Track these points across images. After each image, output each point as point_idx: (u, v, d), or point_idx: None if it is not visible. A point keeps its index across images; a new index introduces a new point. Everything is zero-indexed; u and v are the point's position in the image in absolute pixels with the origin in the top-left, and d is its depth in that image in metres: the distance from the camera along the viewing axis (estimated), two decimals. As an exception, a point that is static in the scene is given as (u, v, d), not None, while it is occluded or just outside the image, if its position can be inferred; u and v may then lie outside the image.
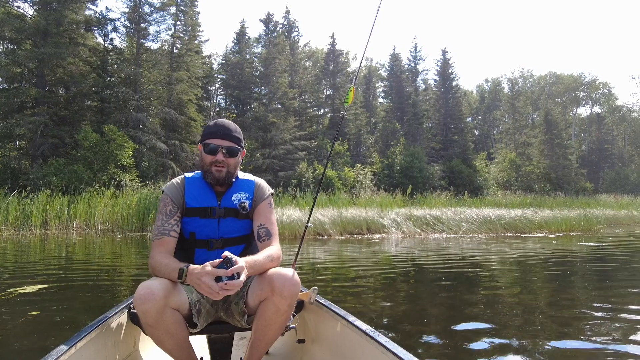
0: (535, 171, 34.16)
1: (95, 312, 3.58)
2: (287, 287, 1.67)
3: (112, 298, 4.26)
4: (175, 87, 23.36)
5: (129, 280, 5.26)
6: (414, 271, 6.18)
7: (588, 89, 51.97)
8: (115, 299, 4.19)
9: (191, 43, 25.89)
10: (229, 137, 1.88)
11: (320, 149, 28.69)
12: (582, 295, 4.58)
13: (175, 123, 24.01)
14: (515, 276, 5.84)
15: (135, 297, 1.58)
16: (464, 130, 35.68)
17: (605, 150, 42.55)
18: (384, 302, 4.10)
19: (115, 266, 6.53)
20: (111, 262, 6.94)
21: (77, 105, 21.52)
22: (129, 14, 22.59)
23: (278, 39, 29.34)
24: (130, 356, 2.03)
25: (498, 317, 3.60)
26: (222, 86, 32.72)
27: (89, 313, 3.60)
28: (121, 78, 22.72)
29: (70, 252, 8.02)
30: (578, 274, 6.02)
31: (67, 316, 3.52)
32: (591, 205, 22.00)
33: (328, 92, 35.69)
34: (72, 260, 7.00)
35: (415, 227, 12.52)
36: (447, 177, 29.23)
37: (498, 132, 52.92)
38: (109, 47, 23.14)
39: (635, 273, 6.10)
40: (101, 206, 13.15)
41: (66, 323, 3.29)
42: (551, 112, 37.01)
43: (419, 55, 38.83)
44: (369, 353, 1.63)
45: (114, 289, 4.74)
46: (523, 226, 13.32)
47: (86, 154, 17.49)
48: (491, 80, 61.19)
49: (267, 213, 1.94)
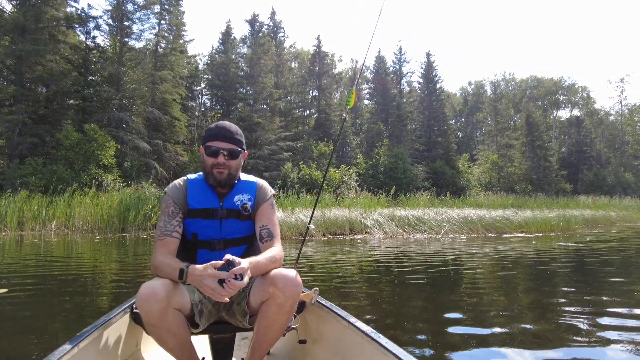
0: (516, 172, 34.77)
1: (57, 319, 3.55)
2: (289, 287, 1.68)
3: (74, 306, 4.18)
4: (159, 87, 23.11)
5: (98, 283, 5.19)
6: (395, 271, 6.25)
7: (567, 93, 53.14)
8: (82, 305, 4.14)
9: (176, 42, 25.63)
10: (230, 140, 1.89)
11: (305, 150, 28.68)
12: (554, 294, 4.71)
13: (158, 123, 23.75)
14: (493, 275, 5.96)
15: (137, 297, 1.60)
16: (447, 132, 36.11)
17: (584, 152, 43.52)
18: (366, 301, 4.15)
19: (85, 269, 6.43)
20: (80, 264, 6.83)
21: (58, 104, 21.11)
22: (112, 12, 22.27)
23: (263, 40, 29.28)
24: (133, 356, 2.04)
25: (475, 314, 3.68)
26: (208, 86, 32.49)
27: (51, 318, 3.55)
28: (104, 77, 22.38)
29: (41, 254, 7.86)
30: (554, 274, 6.17)
31: (26, 324, 3.40)
32: (570, 206, 22.50)
33: (314, 93, 35.76)
34: (40, 262, 6.84)
35: (397, 228, 12.63)
36: (430, 178, 29.55)
37: (481, 134, 53.75)
38: (91, 45, 22.78)
39: (610, 273, 6.28)
40: (81, 206, 12.92)
41: (27, 331, 3.11)
42: (532, 114, 37.69)
43: (403, 58, 39.21)
44: (370, 354, 1.63)
45: (78, 294, 4.59)
46: (504, 226, 13.54)
47: (67, 154, 17.17)
48: (474, 83, 62.11)
49: (269, 214, 1.95)
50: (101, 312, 2.32)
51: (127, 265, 6.73)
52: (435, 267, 6.53)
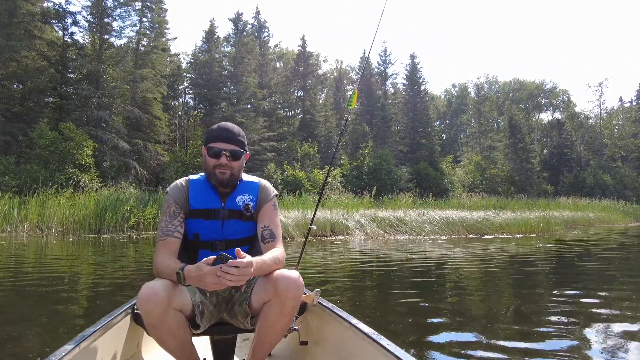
0: (499, 174, 35.15)
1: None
2: (291, 289, 1.68)
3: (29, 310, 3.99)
4: (139, 85, 22.65)
5: (59, 288, 4.97)
6: (374, 274, 6.15)
7: (549, 96, 54.05)
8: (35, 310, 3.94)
9: (158, 40, 25.19)
10: (233, 141, 1.90)
11: (289, 151, 28.50)
12: (530, 297, 4.66)
13: (139, 122, 23.29)
14: (471, 277, 5.90)
15: (139, 298, 1.60)
16: (431, 133, 36.34)
17: (565, 154, 44.25)
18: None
19: (50, 271, 6.18)
20: (44, 267, 6.57)
21: (33, 102, 20.55)
22: (92, 7, 21.76)
23: (247, 39, 29.02)
24: (133, 357, 2.04)
25: (452, 319, 3.59)
26: (191, 85, 32.05)
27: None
28: (82, 74, 21.83)
29: (7, 257, 7.56)
30: (530, 276, 6.15)
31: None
32: (551, 207, 22.81)
33: (298, 93, 35.61)
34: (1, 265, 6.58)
35: (379, 229, 12.56)
36: (414, 180, 29.66)
37: (464, 136, 54.28)
38: (69, 41, 22.19)
39: (585, 275, 6.28)
40: (56, 207, 12.53)
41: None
42: (515, 117, 38.15)
43: (388, 59, 39.32)
44: (372, 356, 1.63)
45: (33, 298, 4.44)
46: (485, 228, 13.59)
47: (41, 153, 16.67)
48: (458, 86, 62.74)
49: (272, 215, 1.96)
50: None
51: (90, 267, 6.49)
52: (416, 269, 6.44)
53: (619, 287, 5.10)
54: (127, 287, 4.76)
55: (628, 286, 5.13)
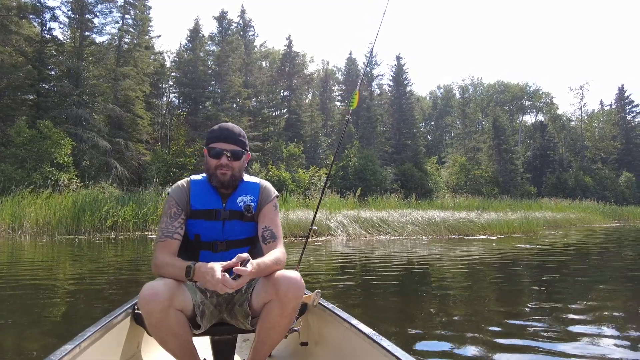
0: (483, 175, 35.50)
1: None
2: (292, 290, 1.69)
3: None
4: (121, 83, 22.25)
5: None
6: (360, 274, 6.07)
7: (532, 98, 54.80)
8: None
9: (141, 38, 24.79)
10: (234, 141, 1.91)
11: (275, 151, 28.33)
12: (509, 298, 4.63)
13: (120, 120, 22.88)
14: (445, 277, 5.87)
15: (139, 298, 1.60)
16: (416, 135, 36.51)
17: (547, 156, 44.95)
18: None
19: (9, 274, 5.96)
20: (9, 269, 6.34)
21: (10, 99, 19.99)
22: (72, 3, 21.30)
23: (232, 38, 28.75)
24: (134, 357, 2.04)
25: (428, 323, 3.52)
26: (175, 84, 31.65)
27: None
28: (62, 71, 21.35)
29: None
30: (509, 277, 6.14)
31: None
32: (533, 208, 23.09)
33: (284, 93, 35.44)
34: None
35: (361, 230, 12.50)
36: (399, 180, 29.77)
37: (449, 137, 54.74)
38: (48, 37, 21.69)
39: (565, 275, 6.30)
40: (31, 208, 12.19)
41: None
42: (499, 119, 38.60)
43: (374, 60, 39.38)
44: (372, 357, 1.62)
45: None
46: (467, 228, 13.63)
47: (16, 152, 16.21)
48: (443, 87, 63.24)
49: (272, 215, 1.96)
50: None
51: (50, 268, 6.28)
52: (395, 271, 6.38)
53: (596, 287, 5.11)
54: (86, 291, 4.59)
55: (605, 286, 5.15)
